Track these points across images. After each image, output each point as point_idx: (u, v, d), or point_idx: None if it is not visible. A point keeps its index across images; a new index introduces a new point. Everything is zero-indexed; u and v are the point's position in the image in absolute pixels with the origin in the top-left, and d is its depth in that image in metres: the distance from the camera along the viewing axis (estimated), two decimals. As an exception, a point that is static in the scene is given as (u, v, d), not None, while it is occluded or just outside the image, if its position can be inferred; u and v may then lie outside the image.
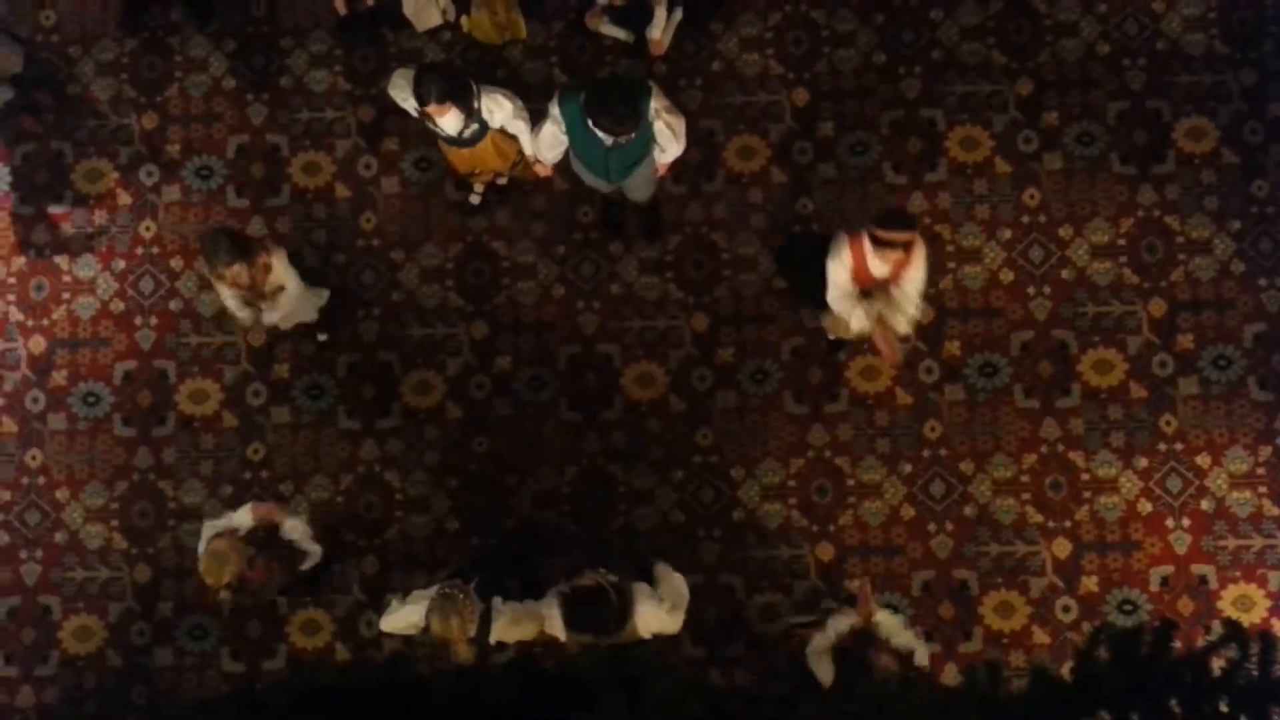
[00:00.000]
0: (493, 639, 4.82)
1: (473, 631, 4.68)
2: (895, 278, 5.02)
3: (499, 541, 5.92)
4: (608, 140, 4.92)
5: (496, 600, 4.86)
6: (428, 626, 4.71)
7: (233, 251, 5.03)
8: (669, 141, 5.19)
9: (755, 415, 5.98)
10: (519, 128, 5.36)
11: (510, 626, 4.85)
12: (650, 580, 4.95)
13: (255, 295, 5.25)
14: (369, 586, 5.89)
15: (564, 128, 5.07)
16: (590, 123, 4.87)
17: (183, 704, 5.77)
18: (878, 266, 4.97)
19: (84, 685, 5.92)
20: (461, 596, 4.63)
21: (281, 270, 5.25)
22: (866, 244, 4.90)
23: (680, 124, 5.18)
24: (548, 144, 5.23)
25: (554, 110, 5.07)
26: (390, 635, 5.69)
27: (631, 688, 2.04)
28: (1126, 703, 2.33)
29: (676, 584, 4.90)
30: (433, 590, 4.79)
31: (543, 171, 5.58)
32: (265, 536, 5.00)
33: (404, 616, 4.94)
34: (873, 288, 5.11)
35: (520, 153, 5.82)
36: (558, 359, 6.08)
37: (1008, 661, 5.73)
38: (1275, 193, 6.03)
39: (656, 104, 5.03)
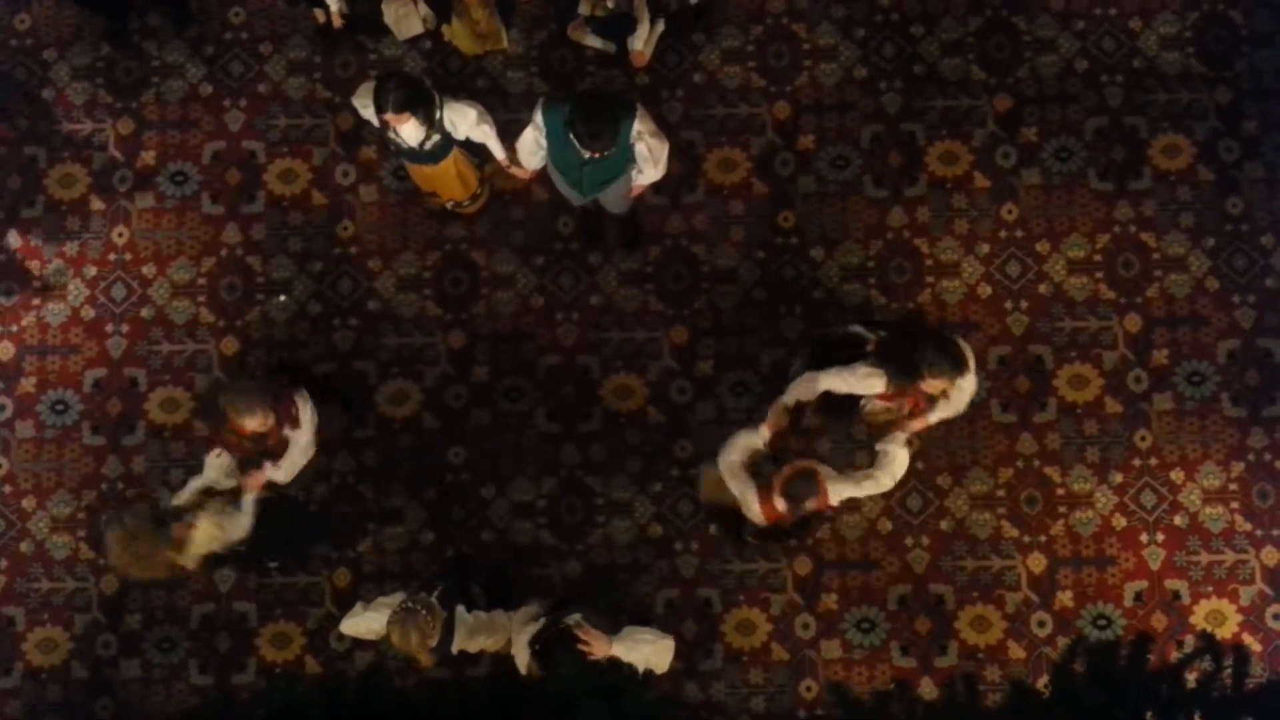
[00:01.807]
0: (454, 648, 4.77)
1: (433, 643, 4.64)
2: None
3: (471, 550, 5.87)
4: (585, 153, 4.91)
5: (460, 609, 4.82)
6: (388, 638, 4.68)
7: (260, 398, 4.69)
8: (647, 164, 5.16)
9: (735, 428, 5.90)
10: (485, 132, 5.30)
11: (471, 637, 4.82)
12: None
13: (260, 449, 4.89)
14: (341, 599, 5.82)
15: (544, 134, 5.06)
16: (570, 134, 4.85)
17: (150, 717, 5.67)
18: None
19: (48, 698, 5.80)
20: (423, 612, 4.59)
21: (307, 417, 4.94)
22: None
23: (662, 150, 5.14)
24: (527, 149, 5.21)
25: (537, 117, 5.06)
26: (363, 648, 5.64)
27: (611, 699, 2.02)
28: (1103, 715, 2.32)
29: (646, 654, 4.66)
30: (397, 599, 4.77)
31: (521, 174, 5.54)
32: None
33: (365, 622, 4.91)
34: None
35: (482, 183, 5.80)
36: (536, 369, 6.05)
37: (983, 676, 5.72)
38: (1250, 210, 6.10)
39: (640, 126, 5.00)
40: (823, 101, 6.26)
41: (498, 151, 5.41)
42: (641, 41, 6.09)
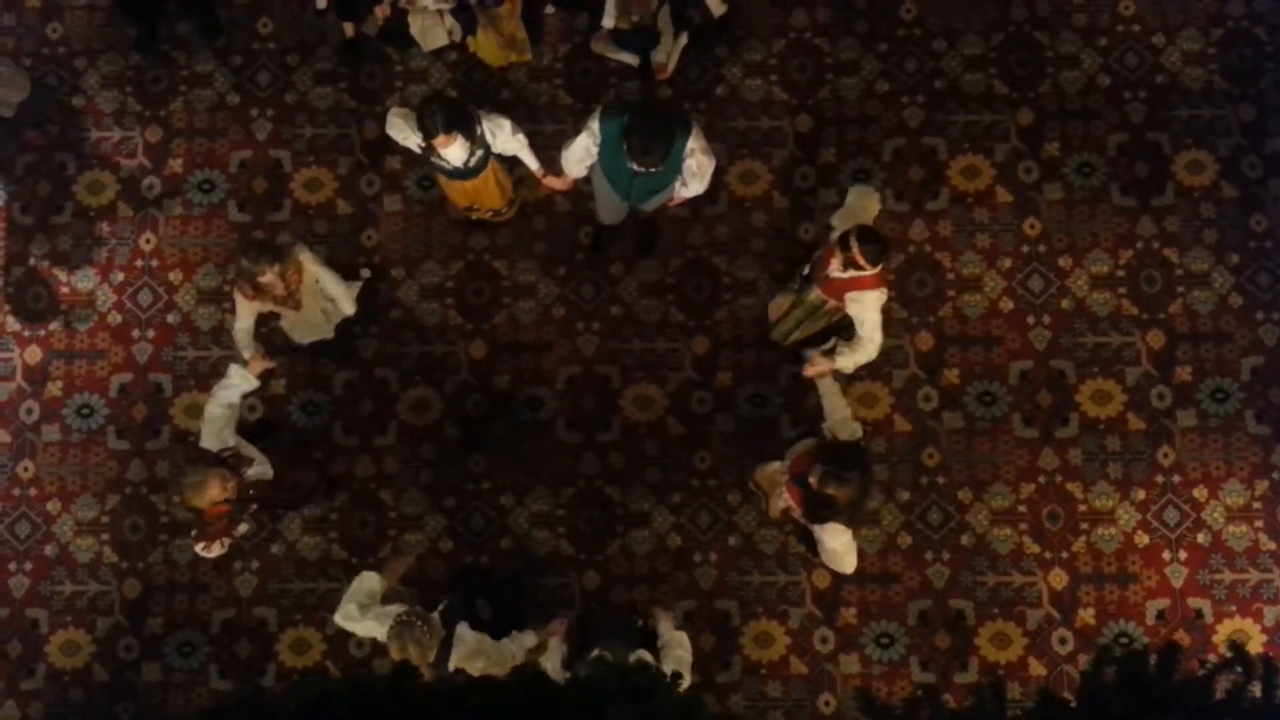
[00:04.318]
0: (451, 666, 4.77)
1: (431, 658, 4.66)
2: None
3: (489, 560, 5.88)
4: (635, 166, 4.93)
5: (461, 627, 4.81)
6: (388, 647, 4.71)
7: (267, 253, 5.05)
8: (693, 179, 5.20)
9: (753, 440, 5.95)
10: (520, 142, 5.34)
11: (470, 659, 4.80)
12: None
13: (289, 302, 5.26)
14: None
15: (598, 142, 5.07)
16: (624, 145, 4.88)
17: (170, 720, 5.70)
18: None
19: (70, 700, 5.83)
20: (419, 624, 4.62)
21: (312, 266, 5.29)
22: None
23: (709, 166, 5.18)
24: (577, 156, 5.20)
25: (593, 125, 5.06)
26: (382, 654, 5.65)
27: (639, 700, 2.01)
28: (1132, 725, 2.31)
29: (680, 655, 4.82)
30: (396, 609, 4.79)
31: (557, 185, 5.55)
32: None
33: (362, 626, 4.92)
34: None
35: (516, 188, 5.84)
36: (556, 379, 6.06)
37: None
38: (1273, 227, 6.07)
39: (694, 144, 5.04)
40: (844, 115, 6.27)
41: (531, 162, 5.44)
42: (665, 54, 6.12)
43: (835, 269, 5.00)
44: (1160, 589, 5.79)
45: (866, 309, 5.02)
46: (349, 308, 5.50)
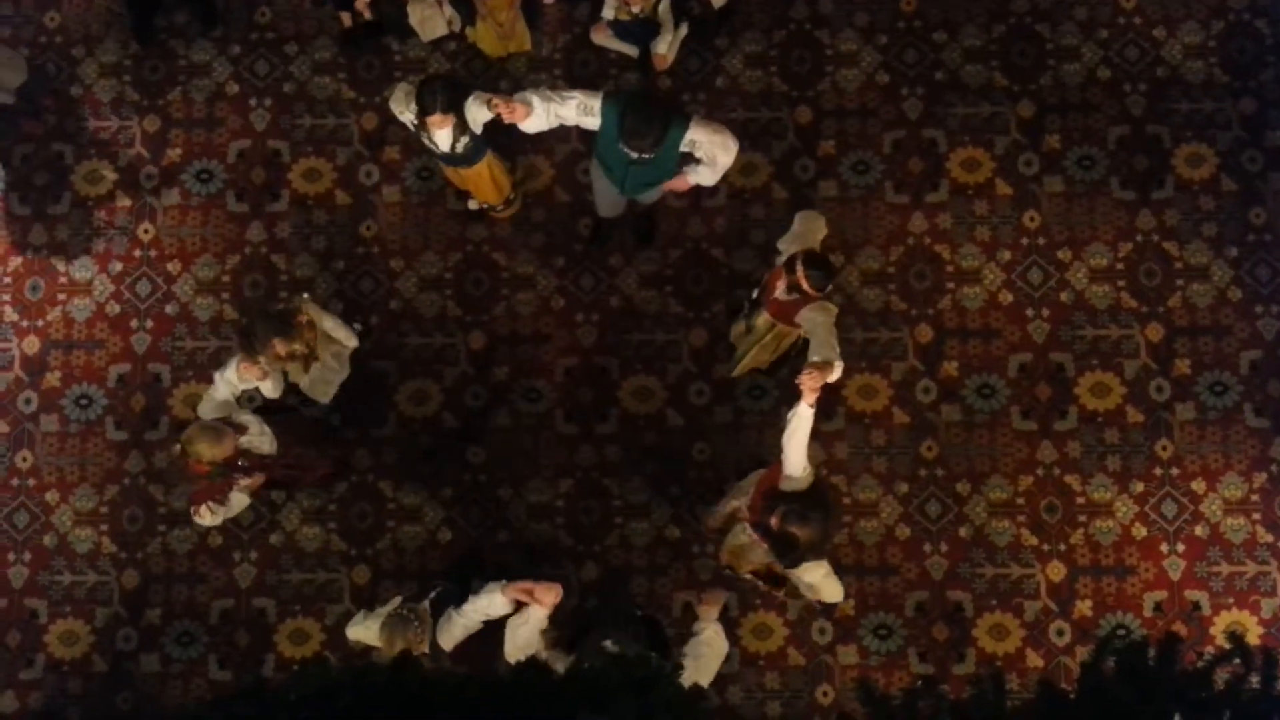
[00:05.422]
0: (446, 647, 4.77)
1: (426, 649, 4.67)
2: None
3: (489, 552, 5.88)
4: (630, 154, 4.90)
5: (450, 612, 4.81)
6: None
7: (274, 324, 4.99)
8: (704, 168, 5.02)
9: (752, 432, 5.96)
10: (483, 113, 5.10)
11: (459, 635, 4.81)
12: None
13: (309, 359, 5.23)
14: (359, 597, 5.84)
15: (598, 123, 4.95)
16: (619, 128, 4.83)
17: (168, 711, 5.70)
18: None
19: (68, 690, 5.84)
20: (414, 621, 4.65)
21: (321, 318, 5.27)
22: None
23: (725, 158, 4.95)
24: (565, 107, 4.88)
25: (594, 104, 4.88)
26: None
27: (641, 692, 2.01)
28: (1131, 715, 2.31)
29: (705, 652, 4.73)
30: (392, 604, 4.80)
31: (509, 111, 4.93)
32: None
33: (365, 630, 4.93)
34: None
35: (515, 188, 5.81)
36: (555, 371, 6.06)
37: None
38: (1273, 220, 6.08)
39: (698, 135, 4.89)
40: (844, 107, 6.26)
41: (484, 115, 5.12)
42: (665, 45, 6.11)
43: (781, 292, 4.95)
44: (1158, 581, 5.80)
45: (816, 318, 4.82)
46: (352, 340, 5.47)
